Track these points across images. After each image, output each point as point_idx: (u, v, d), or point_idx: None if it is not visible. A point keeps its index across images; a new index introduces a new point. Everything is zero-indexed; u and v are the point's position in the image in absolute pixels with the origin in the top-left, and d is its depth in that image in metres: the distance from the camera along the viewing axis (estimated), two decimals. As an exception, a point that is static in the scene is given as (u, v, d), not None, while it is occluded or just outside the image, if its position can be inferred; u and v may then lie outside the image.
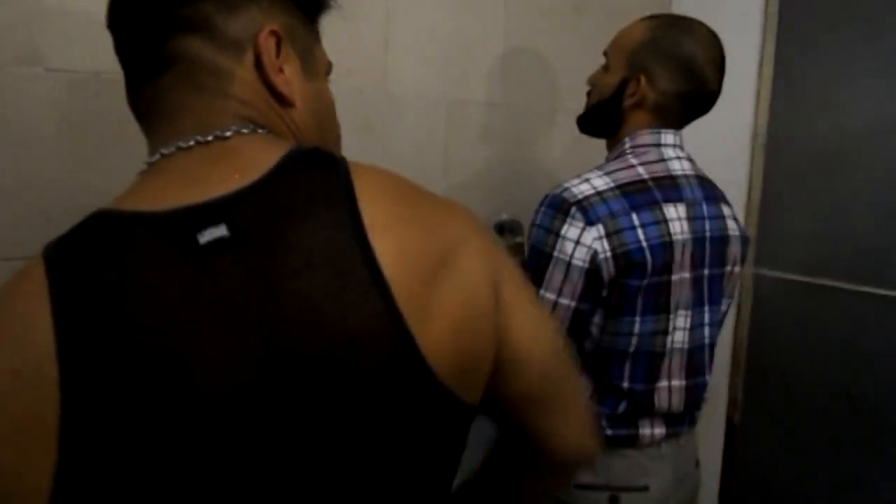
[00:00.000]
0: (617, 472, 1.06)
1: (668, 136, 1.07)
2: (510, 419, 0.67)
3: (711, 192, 1.09)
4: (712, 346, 1.12)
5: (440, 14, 1.43)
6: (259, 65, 0.56)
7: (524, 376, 0.62)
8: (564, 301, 1.00)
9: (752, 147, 1.61)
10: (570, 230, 0.97)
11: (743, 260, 1.15)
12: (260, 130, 0.56)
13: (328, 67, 0.68)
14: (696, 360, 1.09)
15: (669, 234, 1.00)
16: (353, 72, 1.34)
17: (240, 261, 0.49)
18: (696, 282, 1.05)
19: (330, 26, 0.69)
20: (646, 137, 1.06)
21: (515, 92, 1.58)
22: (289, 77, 0.59)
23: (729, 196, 1.14)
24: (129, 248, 0.49)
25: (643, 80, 1.04)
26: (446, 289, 0.53)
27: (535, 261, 1.00)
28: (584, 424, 0.70)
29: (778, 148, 1.58)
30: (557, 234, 0.98)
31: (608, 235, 0.97)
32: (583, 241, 0.97)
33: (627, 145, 1.07)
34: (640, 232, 0.98)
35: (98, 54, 1.02)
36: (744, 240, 1.14)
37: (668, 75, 1.03)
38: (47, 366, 0.45)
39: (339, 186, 0.52)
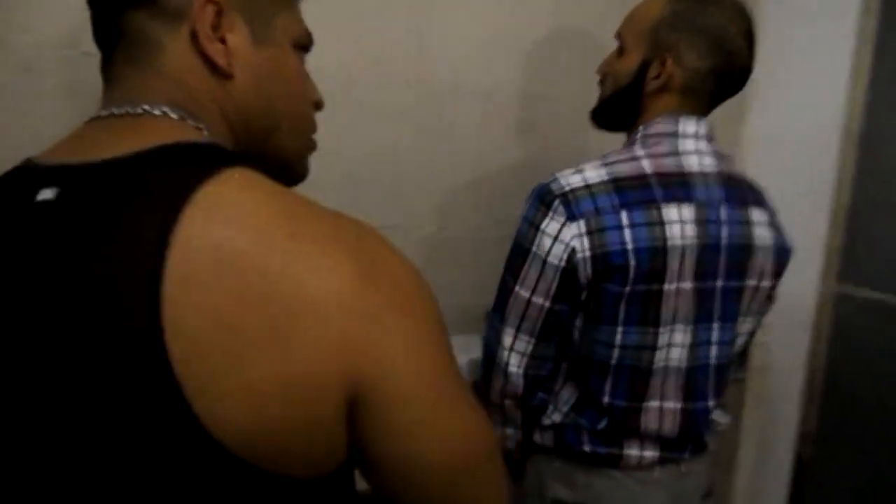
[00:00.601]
0: (598, 493, 0.97)
1: (688, 125, 0.93)
2: None
3: (737, 194, 0.94)
4: (721, 367, 0.97)
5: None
6: (194, 34, 0.55)
7: (404, 486, 0.52)
8: (537, 300, 0.91)
9: (843, 144, 1.37)
10: (551, 225, 0.89)
11: (779, 274, 0.99)
12: (174, 114, 0.54)
13: (301, 39, 0.63)
14: (698, 382, 0.96)
15: (664, 238, 0.88)
16: (385, 60, 1.33)
17: (53, 226, 0.48)
18: (703, 294, 0.92)
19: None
20: (661, 125, 0.94)
21: (562, 82, 1.48)
22: (232, 47, 0.56)
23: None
24: (7, 192, 0.52)
25: (669, 60, 0.92)
26: (259, 357, 0.44)
27: (514, 254, 0.94)
28: None
29: (873, 146, 1.34)
30: (537, 228, 0.90)
31: (589, 233, 0.88)
32: (561, 238, 0.88)
33: (639, 133, 0.95)
34: (626, 233, 0.87)
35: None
36: (780, 251, 0.97)
37: (696, 51, 0.91)
38: None
39: (179, 192, 0.46)
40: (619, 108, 0.99)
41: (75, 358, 0.45)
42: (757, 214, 0.95)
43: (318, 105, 0.68)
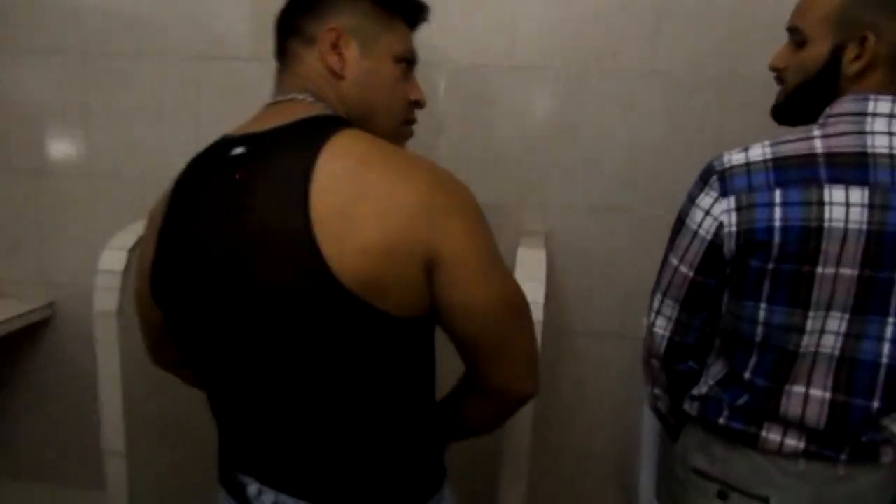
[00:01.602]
0: (734, 470, 0.96)
1: (881, 104, 0.87)
2: (462, 354, 0.82)
3: None
4: None
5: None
6: (321, 51, 0.85)
7: (460, 325, 0.77)
8: (684, 269, 0.95)
9: None
10: (704, 199, 0.92)
11: None
12: (309, 98, 0.83)
13: (403, 55, 0.90)
14: (858, 377, 0.88)
15: (820, 219, 0.84)
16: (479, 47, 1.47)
17: (245, 171, 0.77)
18: (872, 283, 0.85)
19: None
20: (846, 104, 0.89)
21: (670, 58, 1.41)
22: (345, 58, 0.84)
23: None
24: (210, 153, 0.83)
25: (869, 37, 0.87)
26: (369, 232, 0.69)
27: (675, 225, 0.98)
28: (519, 373, 0.83)
29: None
30: (693, 202, 0.94)
31: (738, 209, 0.89)
32: (712, 212, 0.91)
33: (823, 115, 0.91)
34: (776, 210, 0.86)
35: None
36: None
37: None
38: (159, 221, 0.83)
39: (317, 142, 0.73)
40: (809, 100, 0.94)
41: (259, 237, 0.73)
42: None
43: (418, 103, 0.94)
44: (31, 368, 1.85)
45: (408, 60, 0.91)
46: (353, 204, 0.70)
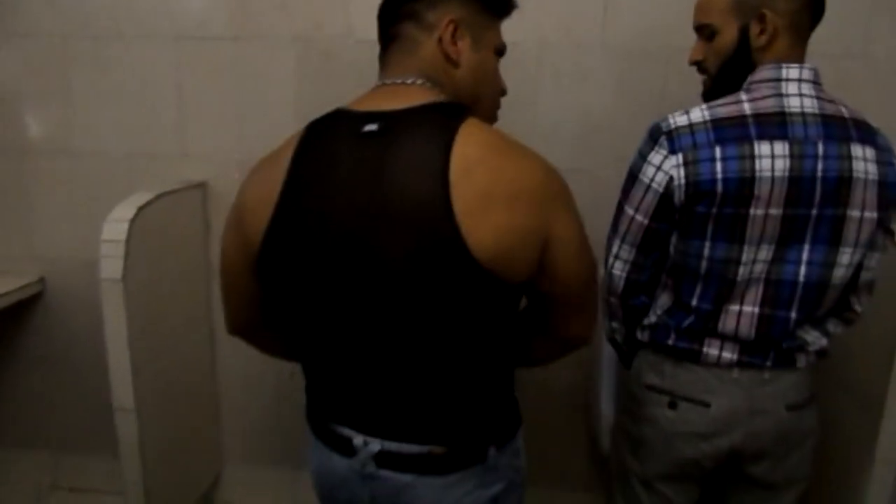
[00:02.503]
0: (681, 382, 1.12)
1: (791, 71, 1.02)
2: (543, 306, 0.95)
3: (838, 132, 1.00)
4: (811, 285, 1.04)
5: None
6: (440, 39, 0.92)
7: (557, 288, 0.90)
8: (639, 218, 1.08)
9: None
10: (655, 156, 1.05)
11: (887, 206, 1.03)
12: (427, 83, 0.89)
13: (500, 48, 1.00)
14: (780, 294, 1.05)
15: (753, 170, 0.99)
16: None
17: (381, 148, 0.82)
18: (793, 219, 1.01)
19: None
20: (765, 72, 1.04)
21: (617, 33, 1.56)
22: (460, 48, 0.92)
23: None
24: (334, 127, 0.88)
25: (767, 14, 1.02)
26: (501, 213, 0.79)
27: (627, 180, 1.11)
28: (589, 323, 0.99)
29: None
30: (645, 159, 1.07)
31: (685, 164, 1.02)
32: (663, 168, 1.04)
33: (747, 82, 1.06)
34: (718, 164, 1.00)
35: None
36: (884, 185, 1.01)
37: None
38: (282, 177, 0.85)
39: (449, 129, 0.81)
40: (732, 77, 1.08)
41: (397, 208, 0.79)
42: (859, 150, 1.00)
43: (503, 92, 1.05)
44: (23, 342, 1.90)
45: (502, 52, 1.01)
46: (489, 187, 0.79)
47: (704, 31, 1.11)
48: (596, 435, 1.68)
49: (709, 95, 1.14)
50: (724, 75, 1.10)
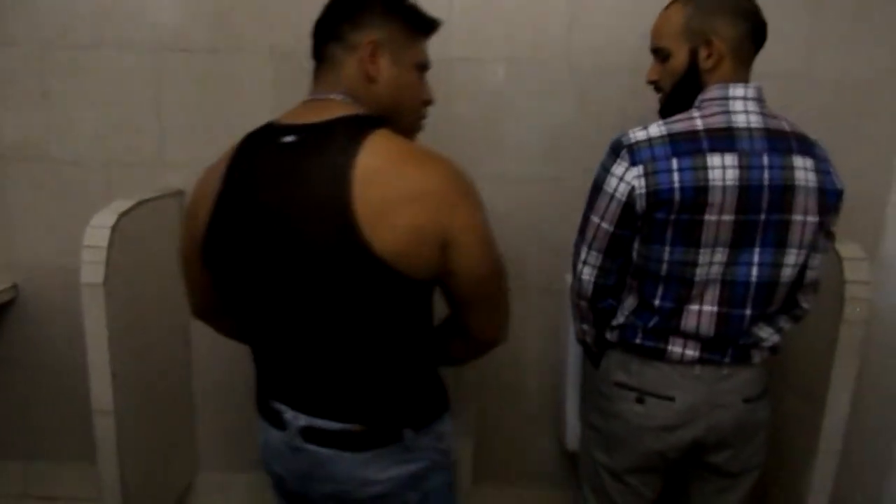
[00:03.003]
0: (647, 379, 1.19)
1: (737, 90, 1.11)
2: (454, 305, 1.02)
3: (781, 145, 1.09)
4: (762, 285, 1.12)
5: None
6: (361, 59, 0.99)
7: (461, 286, 0.96)
8: (605, 225, 1.15)
9: None
10: (618, 168, 1.12)
11: (825, 211, 1.12)
12: (347, 99, 0.98)
13: (422, 63, 1.08)
14: (735, 293, 1.13)
15: (706, 179, 1.06)
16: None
17: (298, 156, 0.91)
18: (744, 225, 1.09)
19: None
20: (713, 91, 1.12)
21: (581, 52, 1.65)
22: (379, 66, 1.00)
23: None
24: (262, 138, 0.97)
25: (714, 40, 1.11)
26: (399, 215, 0.86)
27: (592, 191, 1.18)
28: (497, 324, 1.05)
29: None
30: (608, 171, 1.14)
31: (646, 175, 1.09)
32: (625, 179, 1.11)
33: (698, 100, 1.14)
34: (675, 175, 1.07)
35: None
36: (822, 191, 1.10)
37: (727, 24, 1.11)
38: (220, 180, 0.96)
39: (357, 140, 0.89)
40: (684, 96, 1.16)
41: (307, 209, 0.88)
42: (800, 161, 1.09)
43: (428, 102, 1.12)
44: None
45: (424, 67, 1.09)
46: (388, 193, 0.87)
47: (659, 54, 1.20)
48: (563, 433, 1.75)
49: (664, 111, 1.21)
50: (676, 93, 1.18)
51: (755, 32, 1.14)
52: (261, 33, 1.67)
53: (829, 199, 1.12)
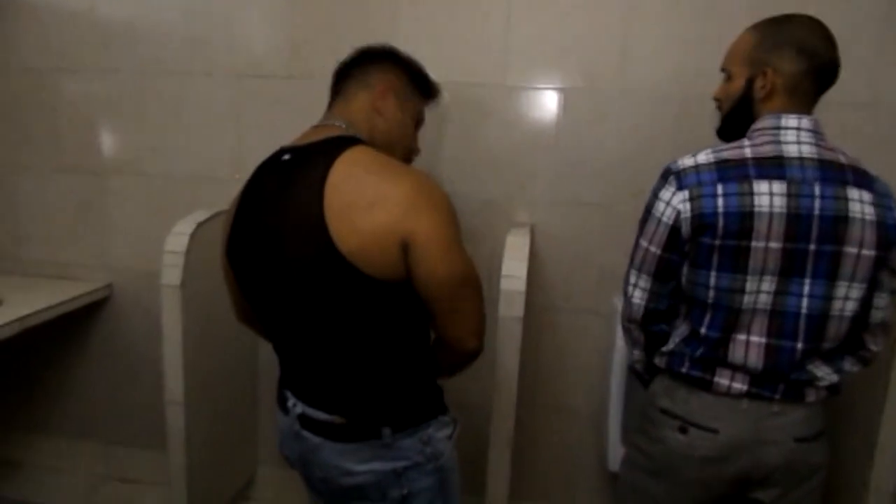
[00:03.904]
0: (691, 409, 1.17)
1: (790, 120, 1.10)
2: (431, 315, 1.06)
3: (834, 175, 1.07)
4: (814, 317, 1.10)
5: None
6: (373, 95, 1.13)
7: (427, 290, 1.01)
8: (652, 249, 1.15)
9: None
10: (665, 193, 1.13)
11: (887, 247, 1.09)
12: (345, 125, 1.09)
13: (419, 118, 1.23)
14: (785, 325, 1.10)
15: (752, 205, 1.05)
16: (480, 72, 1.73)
17: (288, 172, 1.02)
18: (793, 253, 1.07)
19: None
20: (766, 121, 1.12)
21: (635, 80, 1.68)
22: (388, 104, 1.14)
23: None
24: (270, 160, 1.09)
25: (769, 72, 1.11)
26: (360, 218, 0.94)
27: (643, 215, 1.19)
28: (467, 331, 1.07)
29: None
30: (656, 196, 1.15)
31: (691, 199, 1.09)
32: (671, 203, 1.12)
33: (750, 130, 1.14)
34: (720, 200, 1.07)
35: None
36: (881, 225, 1.07)
37: (787, 59, 1.10)
38: (235, 206, 1.10)
39: (336, 153, 0.98)
40: (738, 120, 1.17)
41: (291, 220, 0.99)
42: (855, 193, 1.06)
43: (415, 151, 1.26)
44: (90, 341, 2.08)
45: (419, 122, 1.24)
46: (352, 197, 0.95)
47: (725, 74, 1.21)
48: (605, 454, 1.76)
49: (720, 132, 1.23)
50: (731, 117, 1.19)
51: (819, 72, 1.11)
52: (329, 62, 1.81)
53: (890, 233, 1.08)
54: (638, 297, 1.21)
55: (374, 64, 1.16)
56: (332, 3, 1.78)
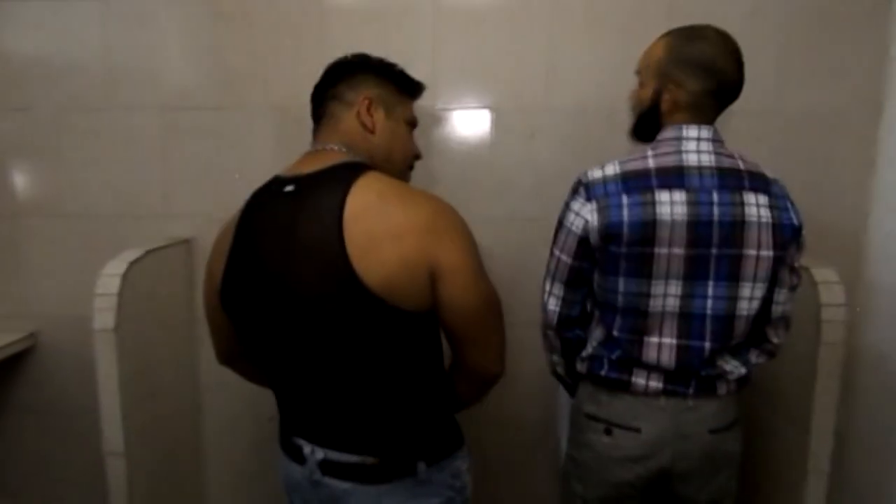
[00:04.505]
0: (614, 411, 1.22)
1: (690, 130, 1.16)
2: (451, 339, 1.05)
3: (732, 182, 1.13)
4: (719, 317, 1.16)
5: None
6: (358, 113, 1.10)
7: (452, 318, 1.00)
8: (564, 258, 1.21)
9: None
10: (575, 204, 1.19)
11: (782, 246, 1.15)
12: (343, 148, 1.06)
13: (411, 120, 1.18)
14: (693, 326, 1.16)
15: (654, 214, 1.11)
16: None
17: (295, 204, 0.99)
18: (696, 259, 1.13)
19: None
20: (668, 132, 1.18)
21: (560, 97, 1.76)
22: (374, 119, 1.10)
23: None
24: (267, 191, 1.06)
25: (673, 87, 1.17)
26: (387, 249, 0.91)
27: (556, 227, 1.24)
28: (493, 357, 1.07)
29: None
30: (567, 207, 1.21)
31: (599, 210, 1.15)
32: (581, 213, 1.17)
33: (655, 140, 1.20)
34: (624, 210, 1.13)
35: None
36: (778, 227, 1.14)
37: (692, 78, 1.15)
38: (232, 233, 1.04)
39: (347, 182, 0.95)
40: (646, 125, 1.23)
41: (305, 254, 0.95)
42: (752, 197, 1.13)
43: (417, 156, 1.22)
44: (14, 393, 1.94)
45: (413, 124, 1.20)
46: (376, 228, 0.92)
47: (638, 77, 1.26)
48: (558, 463, 1.79)
49: (633, 132, 1.29)
50: (641, 121, 1.25)
51: (722, 92, 1.16)
52: (262, 94, 1.78)
53: (786, 233, 1.15)
54: (552, 304, 1.26)
55: (349, 78, 1.12)
56: (259, 31, 1.76)
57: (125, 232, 1.84)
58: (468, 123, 1.80)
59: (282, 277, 0.97)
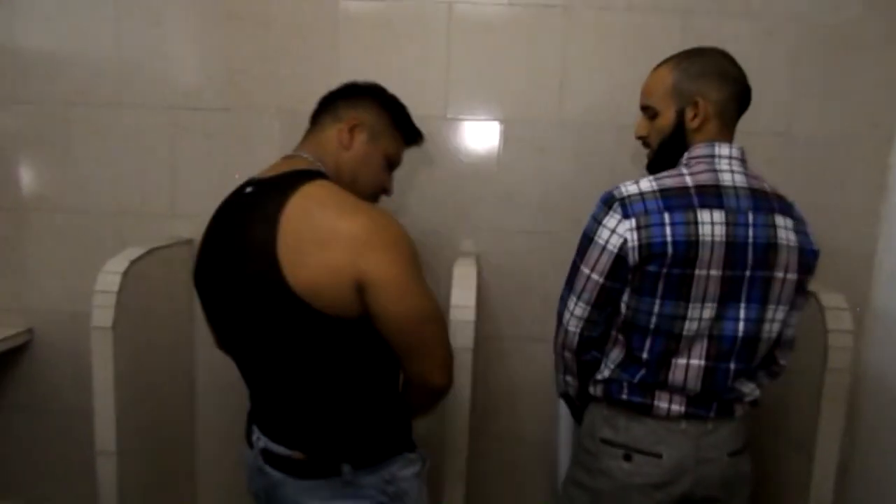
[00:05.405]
0: (634, 436, 1.18)
1: (722, 148, 1.15)
2: (396, 353, 1.06)
3: (764, 204, 1.12)
4: (748, 340, 1.14)
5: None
6: (340, 128, 1.13)
7: (386, 328, 1.00)
8: (595, 277, 1.15)
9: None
10: (610, 221, 1.13)
11: (804, 270, 1.15)
12: (311, 157, 1.10)
13: (392, 158, 1.21)
14: (723, 348, 1.14)
15: (697, 235, 1.08)
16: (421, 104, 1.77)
17: (248, 205, 1.02)
18: (731, 280, 1.11)
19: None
20: (700, 150, 1.16)
21: (572, 110, 1.76)
22: (354, 139, 1.13)
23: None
24: (235, 191, 1.08)
25: (699, 100, 1.16)
26: (314, 254, 0.93)
27: (582, 242, 1.19)
28: (432, 370, 1.06)
29: None
30: (600, 223, 1.15)
31: (638, 228, 1.10)
32: (617, 231, 1.12)
33: (685, 158, 1.18)
34: (667, 228, 1.09)
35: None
36: (802, 250, 1.14)
37: (715, 87, 1.16)
38: (203, 237, 1.08)
39: (294, 187, 0.98)
40: (670, 152, 1.21)
41: (246, 253, 0.98)
42: (781, 220, 1.12)
43: (387, 191, 1.24)
44: (10, 390, 1.93)
45: (393, 163, 1.22)
46: (306, 232, 0.94)
47: (648, 112, 1.24)
48: (556, 483, 1.76)
49: (651, 166, 1.25)
50: (663, 150, 1.22)
51: (740, 96, 1.18)
52: (269, 95, 1.79)
53: (808, 258, 1.15)
54: (574, 325, 1.21)
55: (352, 99, 1.17)
56: (270, 34, 1.76)
57: (128, 230, 1.84)
58: (478, 134, 1.80)
59: (229, 274, 1.02)
